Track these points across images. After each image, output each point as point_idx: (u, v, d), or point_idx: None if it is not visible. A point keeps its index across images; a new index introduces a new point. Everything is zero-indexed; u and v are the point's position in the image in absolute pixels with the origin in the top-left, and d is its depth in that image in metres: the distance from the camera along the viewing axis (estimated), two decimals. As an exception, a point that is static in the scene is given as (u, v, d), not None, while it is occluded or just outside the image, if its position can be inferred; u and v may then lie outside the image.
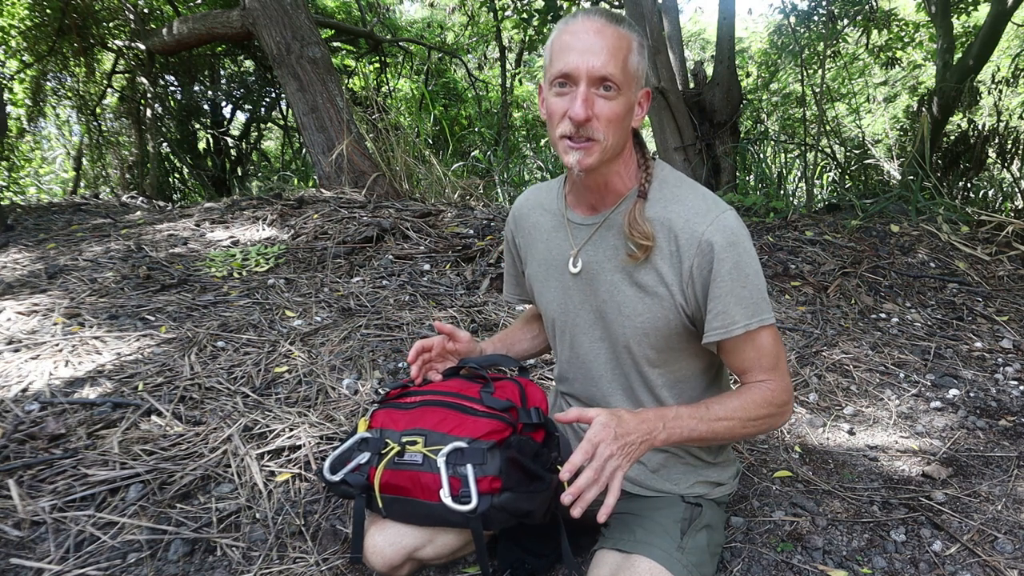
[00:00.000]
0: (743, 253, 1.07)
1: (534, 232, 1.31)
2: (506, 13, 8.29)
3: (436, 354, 1.33)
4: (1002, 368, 2.36)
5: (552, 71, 1.05)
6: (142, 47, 6.11)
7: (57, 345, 2.23)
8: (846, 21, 7.15)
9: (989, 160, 6.05)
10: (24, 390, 1.94)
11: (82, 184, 7.17)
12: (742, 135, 5.80)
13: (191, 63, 6.88)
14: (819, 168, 5.90)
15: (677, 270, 1.10)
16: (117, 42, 6.64)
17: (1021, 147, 5.83)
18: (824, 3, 6.25)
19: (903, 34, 8.15)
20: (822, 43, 5.94)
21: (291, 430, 1.78)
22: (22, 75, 6.77)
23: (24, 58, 6.67)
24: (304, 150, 5.96)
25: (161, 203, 5.76)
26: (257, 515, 1.51)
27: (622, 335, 1.18)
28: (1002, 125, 6.10)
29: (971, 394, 2.19)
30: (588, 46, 1.01)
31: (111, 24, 6.72)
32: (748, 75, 9.88)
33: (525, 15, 7.41)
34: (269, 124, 8.61)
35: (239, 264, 3.18)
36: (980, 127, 6.27)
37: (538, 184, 1.41)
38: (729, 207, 1.10)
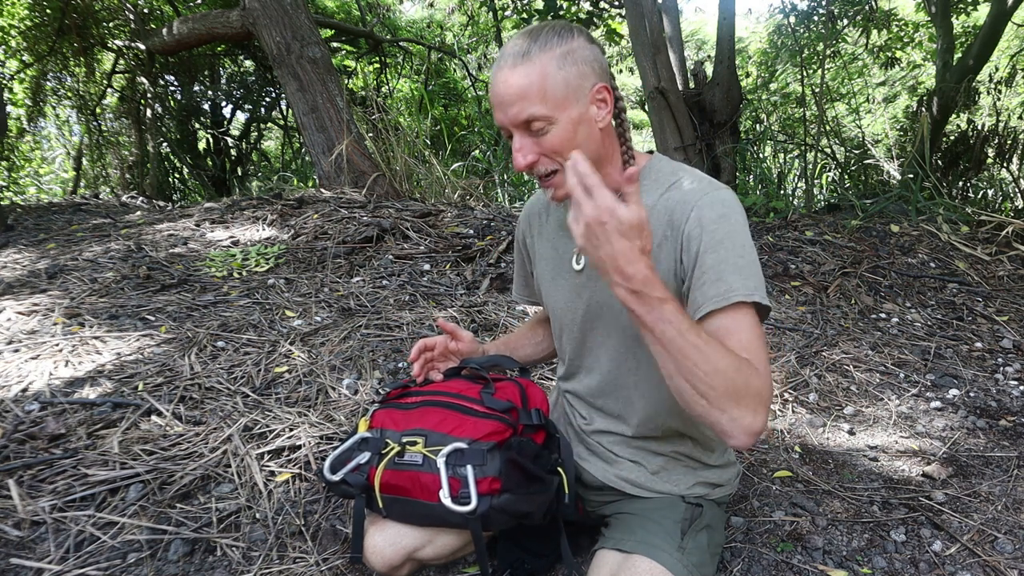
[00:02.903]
0: (736, 225, 1.04)
1: (543, 230, 1.30)
2: (506, 13, 8.29)
3: (438, 353, 1.33)
4: (1002, 368, 2.37)
5: None
6: (142, 47, 6.11)
7: (57, 345, 2.23)
8: (846, 21, 7.15)
9: (988, 160, 6.05)
10: (24, 390, 1.94)
11: (82, 184, 7.17)
12: (742, 135, 5.79)
13: (191, 63, 6.88)
14: (819, 168, 5.90)
15: (675, 249, 1.07)
16: (117, 42, 6.64)
17: (1020, 147, 5.83)
18: (824, 3, 6.25)
19: (903, 34, 8.15)
20: (822, 43, 5.94)
21: (291, 430, 1.78)
22: (22, 75, 6.77)
23: (24, 58, 6.67)
24: (304, 150, 5.96)
25: (161, 203, 5.76)
26: (257, 515, 1.51)
27: (629, 330, 1.17)
28: (1001, 125, 6.11)
29: (971, 394, 2.19)
30: (501, 99, 1.02)
31: (111, 24, 6.72)
32: (748, 75, 9.87)
33: (525, 15, 7.40)
34: (269, 124, 8.61)
35: (239, 264, 3.18)
36: (979, 127, 6.27)
37: None
38: (726, 186, 1.08)
